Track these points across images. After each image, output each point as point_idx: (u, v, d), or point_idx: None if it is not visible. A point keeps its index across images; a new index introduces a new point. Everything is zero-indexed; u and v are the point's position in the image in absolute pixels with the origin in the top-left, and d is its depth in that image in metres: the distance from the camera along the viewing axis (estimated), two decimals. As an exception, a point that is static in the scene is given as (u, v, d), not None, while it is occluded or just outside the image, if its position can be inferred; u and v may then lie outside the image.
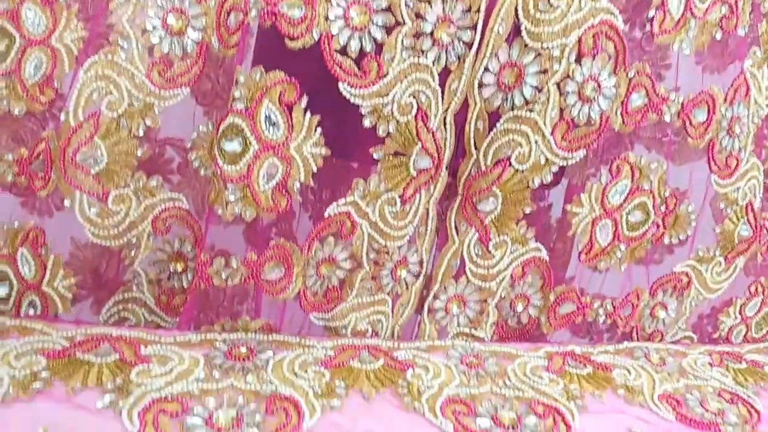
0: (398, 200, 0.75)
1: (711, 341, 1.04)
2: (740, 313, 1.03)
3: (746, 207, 0.94)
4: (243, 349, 0.69)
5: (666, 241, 0.89)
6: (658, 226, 0.87)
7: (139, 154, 0.72)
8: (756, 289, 1.03)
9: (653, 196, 0.84)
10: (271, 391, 0.62)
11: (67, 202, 0.70)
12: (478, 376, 0.72)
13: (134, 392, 0.59)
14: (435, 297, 0.82)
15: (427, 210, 0.78)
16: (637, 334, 0.96)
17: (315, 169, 0.70)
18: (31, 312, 0.74)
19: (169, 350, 0.68)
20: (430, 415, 0.63)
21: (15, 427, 0.52)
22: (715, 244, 0.94)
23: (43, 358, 0.62)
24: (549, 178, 0.77)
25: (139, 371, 0.62)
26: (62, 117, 0.70)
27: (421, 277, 0.81)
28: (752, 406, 0.80)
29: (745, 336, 1.07)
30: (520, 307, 0.86)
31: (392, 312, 0.81)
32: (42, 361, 0.62)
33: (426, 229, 0.79)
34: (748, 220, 0.95)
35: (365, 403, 0.64)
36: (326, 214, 0.72)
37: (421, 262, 0.80)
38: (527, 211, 0.79)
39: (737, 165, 0.91)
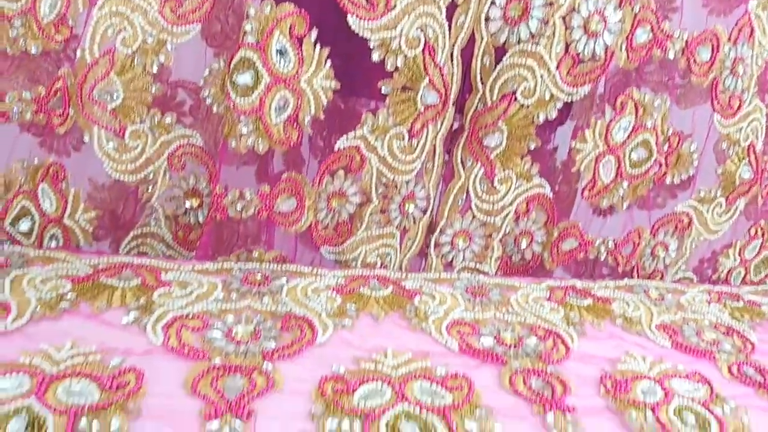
0: (406, 135, 0.77)
1: (710, 283, 1.06)
2: (740, 255, 1.05)
3: (748, 148, 0.95)
4: (258, 276, 0.73)
5: (668, 180, 0.91)
6: (660, 165, 0.89)
7: (153, 90, 0.74)
8: (756, 232, 1.05)
9: (656, 134, 0.85)
10: (285, 311, 0.66)
11: (86, 137, 0.73)
12: (482, 304, 0.75)
13: (157, 311, 0.62)
14: (441, 232, 0.84)
15: (434, 146, 0.80)
16: (637, 273, 0.98)
17: (325, 102, 0.72)
18: (54, 244, 0.77)
19: (189, 276, 0.71)
20: (436, 334, 0.66)
21: (45, 342, 0.55)
22: (716, 185, 0.96)
23: (68, 282, 0.66)
24: (554, 114, 0.78)
25: (160, 293, 0.66)
26: (78, 54, 0.71)
27: (428, 212, 0.84)
28: (747, 339, 0.83)
29: (744, 279, 1.09)
30: (524, 244, 0.88)
31: (400, 246, 0.84)
32: (67, 285, 0.65)
33: (433, 165, 0.81)
34: (749, 161, 0.96)
35: (375, 323, 0.67)
36: (336, 148, 0.74)
37: (428, 198, 0.83)
38: (532, 146, 0.81)
39: (740, 106, 0.92)
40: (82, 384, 0.49)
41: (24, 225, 0.76)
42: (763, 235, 1.06)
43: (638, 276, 0.98)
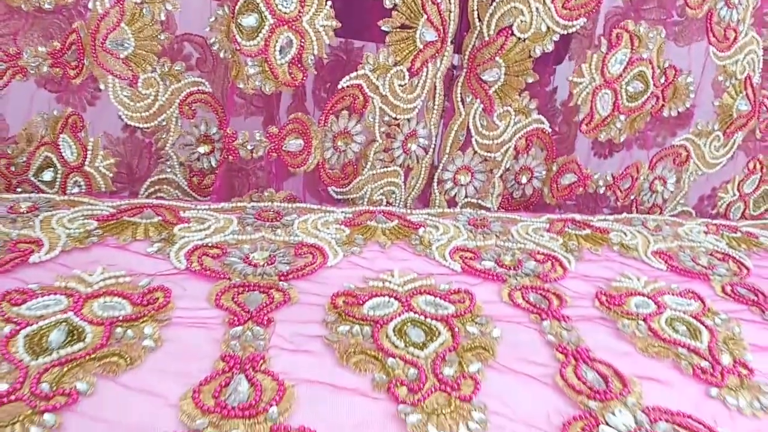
0: (406, 73, 0.80)
1: (710, 218, 1.09)
2: (738, 189, 1.08)
3: (745, 81, 0.97)
4: (270, 213, 0.77)
5: (665, 113, 0.93)
6: (657, 98, 0.91)
7: (162, 38, 0.77)
8: (754, 167, 1.07)
9: (652, 66, 0.87)
10: (297, 240, 0.70)
11: (101, 86, 0.76)
12: (483, 234, 0.79)
13: (178, 241, 0.67)
14: (444, 168, 0.88)
15: (435, 84, 0.83)
16: (636, 208, 1.01)
17: (327, 41, 0.74)
18: (76, 191, 0.82)
19: (205, 214, 0.75)
20: (440, 258, 0.71)
21: (77, 269, 0.60)
22: (714, 118, 0.98)
23: (94, 221, 0.70)
24: (550, 47, 0.80)
25: (180, 228, 0.70)
26: (90, 6, 0.74)
27: (431, 151, 0.87)
28: (743, 264, 0.86)
29: (743, 213, 1.11)
30: (524, 179, 0.92)
31: (404, 184, 0.87)
32: (93, 223, 0.70)
33: (434, 104, 0.84)
34: (746, 95, 0.98)
35: (382, 250, 0.71)
36: (339, 87, 0.77)
37: (429, 136, 0.86)
38: (530, 80, 0.83)
39: (735, 37, 0.93)
40: (115, 300, 0.54)
41: (47, 175, 0.81)
42: (762, 169, 1.08)
43: (637, 210, 1.01)
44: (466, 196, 0.90)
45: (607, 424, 0.46)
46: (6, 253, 0.60)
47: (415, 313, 0.57)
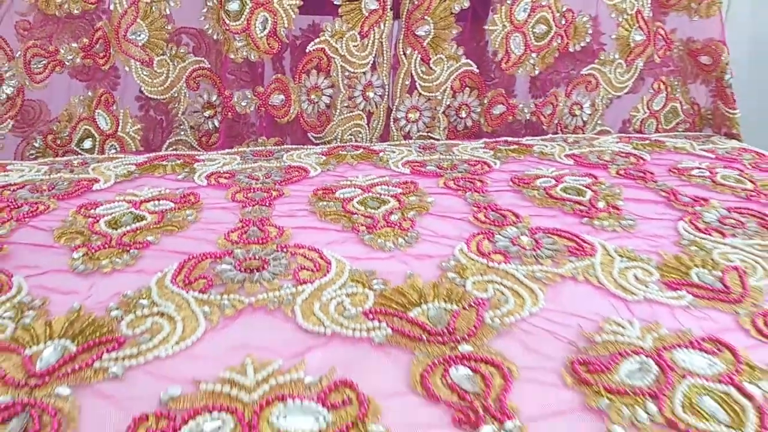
0: (358, 36, 1.03)
1: (627, 134, 1.31)
2: (648, 107, 1.30)
3: (636, 15, 1.19)
4: (264, 152, 1.00)
5: (571, 48, 1.16)
6: (561, 37, 1.14)
7: (169, 28, 1.00)
8: (659, 87, 1.30)
9: (552, 11, 1.10)
10: (286, 165, 0.93)
11: (126, 68, 1.00)
12: (430, 153, 1.02)
13: (198, 171, 0.90)
14: (397, 109, 1.11)
15: (381, 42, 1.06)
16: (561, 131, 1.24)
17: (294, 16, 0.98)
18: (113, 152, 1.05)
19: (215, 156, 0.99)
20: (394, 167, 0.94)
21: (129, 189, 0.82)
22: (614, 49, 1.21)
23: (133, 165, 0.94)
24: (467, 4, 1.04)
25: (197, 165, 0.94)
26: (111, 8, 0.98)
27: (386, 97, 1.10)
28: (641, 158, 1.09)
29: (656, 129, 1.34)
30: (463, 114, 1.15)
31: (368, 125, 1.11)
32: (133, 167, 0.93)
33: (383, 59, 1.08)
34: (639, 26, 1.21)
35: (350, 167, 0.95)
36: (307, 50, 1.01)
37: (383, 85, 1.09)
38: (454, 33, 1.06)
39: (622, -19, 1.16)
40: (162, 201, 0.77)
41: (87, 143, 1.04)
42: (666, 89, 1.31)
43: (563, 133, 1.24)
44: (418, 131, 1.13)
45: (501, 234, 0.69)
46: (73, 187, 0.83)
47: (372, 194, 0.80)
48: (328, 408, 0.39)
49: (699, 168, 1.01)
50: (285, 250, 0.62)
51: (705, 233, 0.72)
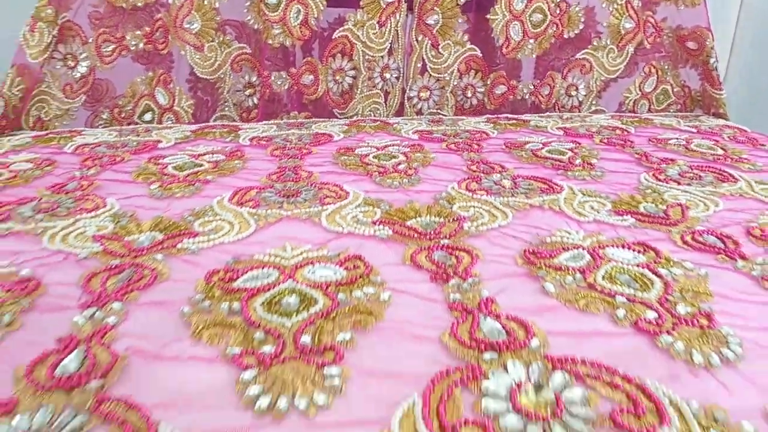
0: (377, 25, 1.20)
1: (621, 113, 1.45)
2: (640, 89, 1.44)
3: (626, 5, 1.33)
4: (296, 123, 1.18)
5: (566, 35, 1.31)
6: (557, 25, 1.29)
7: (218, 19, 1.19)
8: (649, 70, 1.43)
9: (547, 2, 1.25)
10: (314, 132, 1.11)
11: (182, 53, 1.19)
12: (438, 125, 1.19)
13: (242, 136, 1.08)
14: (410, 89, 1.27)
15: (397, 31, 1.22)
16: (558, 110, 1.39)
17: (323, 8, 1.15)
18: (170, 121, 1.24)
19: (254, 126, 1.17)
20: (405, 135, 1.10)
21: (187, 147, 1.01)
22: (606, 35, 1.35)
23: (188, 131, 1.12)
24: (471, -5, 1.20)
25: (241, 131, 1.12)
26: (170, 1, 1.17)
27: (401, 78, 1.27)
28: (625, 130, 1.22)
29: (649, 109, 1.47)
30: (469, 93, 1.31)
31: (385, 103, 1.27)
32: (187, 132, 1.11)
33: (398, 45, 1.24)
34: (629, 15, 1.34)
35: (369, 135, 1.11)
36: (334, 37, 1.18)
37: (398, 68, 1.26)
38: (460, 21, 1.22)
39: (612, -26, 1.30)
40: (216, 155, 0.95)
41: (147, 116, 1.23)
42: (657, 72, 1.44)
43: (560, 112, 1.39)
44: (428, 108, 1.30)
45: (487, 178, 0.85)
46: (141, 145, 1.02)
47: (385, 152, 0.97)
48: (344, 268, 0.56)
49: (677, 138, 1.14)
50: (313, 185, 0.79)
51: (663, 182, 0.87)
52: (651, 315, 0.49)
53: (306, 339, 0.44)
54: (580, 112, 1.40)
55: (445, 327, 0.47)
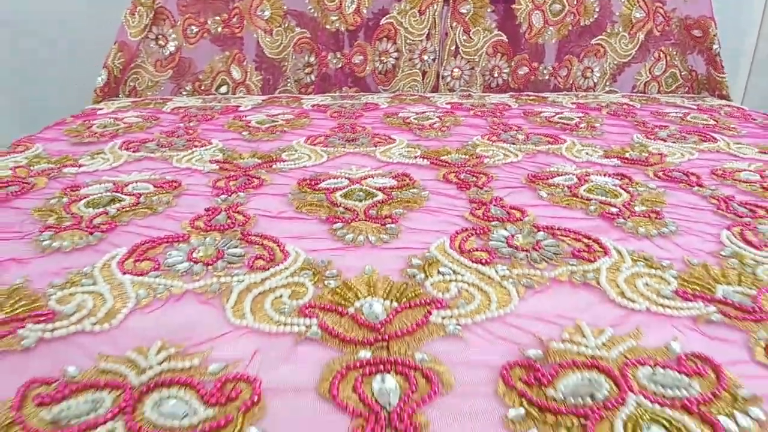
0: (418, 13, 1.41)
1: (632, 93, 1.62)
2: (650, 72, 1.61)
3: (637, -3, 1.51)
4: (348, 96, 1.40)
5: (582, 23, 1.50)
6: (574, 15, 1.48)
7: (284, 8, 1.42)
8: (659, 56, 1.60)
9: (565, -6, 1.44)
10: (364, 102, 1.33)
11: (254, 36, 1.42)
12: (467, 98, 1.39)
13: (304, 104, 1.31)
14: (444, 69, 1.48)
15: (435, 19, 1.43)
16: (575, 90, 1.57)
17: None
18: (242, 93, 1.48)
19: (313, 97, 1.40)
20: (439, 104, 1.31)
21: (263, 110, 1.24)
22: (619, 24, 1.53)
23: (260, 99, 1.36)
24: (498, -11, 1.40)
25: (302, 100, 1.35)
26: (246, -7, 1.41)
27: (437, 60, 1.48)
28: (632, 105, 1.41)
29: (658, 90, 1.64)
30: (496, 73, 1.51)
31: (422, 81, 1.48)
32: (259, 101, 1.35)
33: (435, 31, 1.45)
34: (639, 5, 1.52)
35: (409, 104, 1.33)
36: (381, 24, 1.40)
37: (435, 51, 1.47)
38: (489, 10, 1.42)
39: (625, -31, 1.48)
40: (286, 115, 1.18)
41: (223, 89, 1.47)
42: (666, 57, 1.61)
43: (577, 91, 1.57)
44: (460, 86, 1.50)
45: (504, 134, 1.05)
46: (224, 109, 1.26)
47: (422, 116, 1.18)
48: (395, 179, 0.78)
49: (676, 112, 1.32)
50: (368, 135, 1.01)
51: (652, 140, 1.05)
52: (614, 210, 0.69)
53: (372, 212, 0.66)
54: (595, 91, 1.59)
55: (466, 210, 0.68)
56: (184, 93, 1.47)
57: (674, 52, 1.60)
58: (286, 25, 1.44)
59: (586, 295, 0.50)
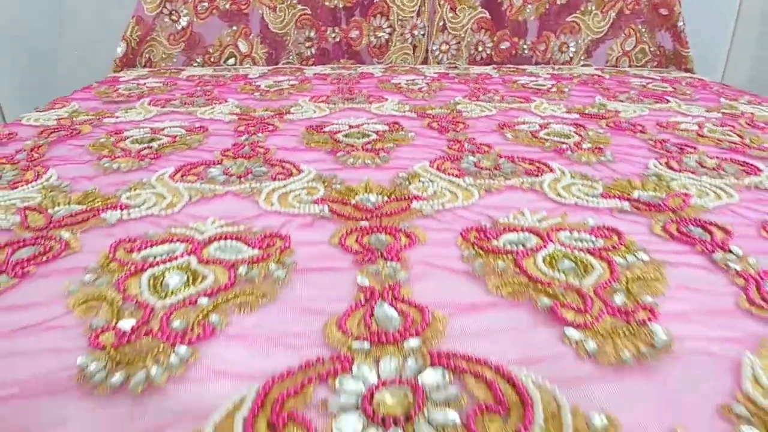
0: (408, -9, 1.55)
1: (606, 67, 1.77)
2: (622, 48, 1.76)
3: (608, -22, 1.66)
4: (345, 67, 1.55)
5: (558, 2, 1.64)
6: (551, -6, 1.62)
7: (285, -14, 1.56)
8: (629, 32, 1.75)
9: (543, -25, 1.59)
10: (361, 72, 1.47)
11: (259, 12, 1.56)
12: (453, 69, 1.54)
13: (306, 73, 1.45)
14: (433, 44, 1.63)
15: (424, -4, 1.58)
16: (553, 64, 1.72)
17: (366, -23, 1.52)
18: (248, 65, 1.62)
19: (314, 67, 1.54)
20: (427, 73, 1.46)
21: (269, 78, 1.38)
22: (593, 2, 1.67)
23: (266, 69, 1.50)
24: (482, -31, 1.54)
25: (304, 70, 1.49)
26: (250, -26, 1.54)
27: (426, 35, 1.62)
28: (602, 77, 1.56)
29: (629, 64, 1.79)
30: (480, 48, 1.65)
31: (413, 54, 1.63)
32: (265, 70, 1.49)
33: (425, 8, 1.59)
34: (612, -13, 1.67)
35: (402, 72, 1.47)
36: (375, 1, 1.54)
37: (424, 27, 1.61)
38: (473, -11, 1.57)
39: (598, -46, 1.62)
40: (291, 81, 1.32)
41: (231, 60, 1.61)
42: (636, 34, 1.75)
43: (554, 64, 1.72)
44: (447, 59, 1.65)
45: (483, 96, 1.20)
46: (233, 77, 1.40)
47: (412, 83, 1.33)
48: (386, 124, 0.92)
49: (641, 82, 1.47)
50: (365, 96, 1.16)
51: (612, 101, 1.20)
52: (564, 146, 0.84)
53: (368, 146, 0.81)
54: (571, 65, 1.73)
55: (445, 146, 0.83)
56: (195, 64, 1.60)
57: (643, 29, 1.75)
58: (289, 2, 1.57)
59: (531, 196, 0.66)
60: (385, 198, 0.62)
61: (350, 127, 0.91)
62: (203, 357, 0.37)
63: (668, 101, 1.22)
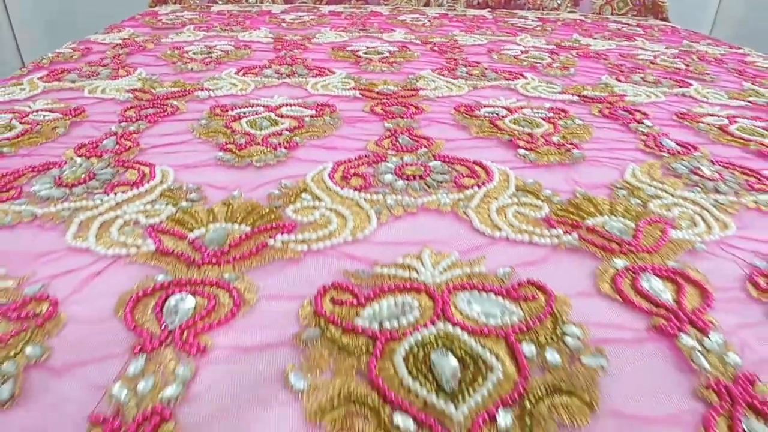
0: (414, -61, 1.73)
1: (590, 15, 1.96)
2: (605, -4, 1.94)
3: (595, -67, 1.83)
4: (356, 6, 1.74)
5: (548, -47, 1.82)
6: (542, -55, 1.80)
7: (304, -69, 1.73)
8: (613, -17, 1.93)
9: (535, -74, 1.76)
10: (369, 11, 1.66)
11: (279, -46, 1.74)
12: (454, 11, 1.73)
13: (322, 10, 1.64)
14: (435, -12, 1.82)
15: (428, -56, 1.75)
16: (542, 9, 1.91)
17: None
18: (268, 2, 1.80)
19: (328, 6, 1.73)
20: (431, 14, 1.65)
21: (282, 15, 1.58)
22: (579, -46, 1.85)
23: (285, 7, 1.69)
24: None
25: (320, 7, 1.68)
26: None
27: (428, -21, 1.81)
28: (585, 21, 1.76)
29: (612, 12, 1.98)
30: (477, -8, 1.84)
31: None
32: (284, 7, 1.68)
33: (428, -46, 1.77)
34: (597, -58, 1.84)
35: (405, 13, 1.66)
36: (383, -54, 1.72)
37: (427, -28, 1.79)
38: (472, -61, 1.74)
39: None
40: (308, 18, 1.52)
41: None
42: (618, -15, 1.94)
43: (544, 10, 1.91)
44: (447, 2, 1.84)
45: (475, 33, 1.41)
46: (260, 11, 1.59)
47: (416, 23, 1.52)
48: (396, 47, 1.13)
49: (617, 26, 1.67)
50: (377, 28, 1.36)
51: (586, 38, 1.41)
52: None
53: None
54: (558, 10, 1.93)
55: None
56: (220, 2, 1.79)
57: (625, -20, 1.93)
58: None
59: (507, 93, 0.88)
60: (399, 88, 0.84)
61: (368, 48, 1.13)
62: (293, 156, 0.61)
63: (635, 40, 1.43)
